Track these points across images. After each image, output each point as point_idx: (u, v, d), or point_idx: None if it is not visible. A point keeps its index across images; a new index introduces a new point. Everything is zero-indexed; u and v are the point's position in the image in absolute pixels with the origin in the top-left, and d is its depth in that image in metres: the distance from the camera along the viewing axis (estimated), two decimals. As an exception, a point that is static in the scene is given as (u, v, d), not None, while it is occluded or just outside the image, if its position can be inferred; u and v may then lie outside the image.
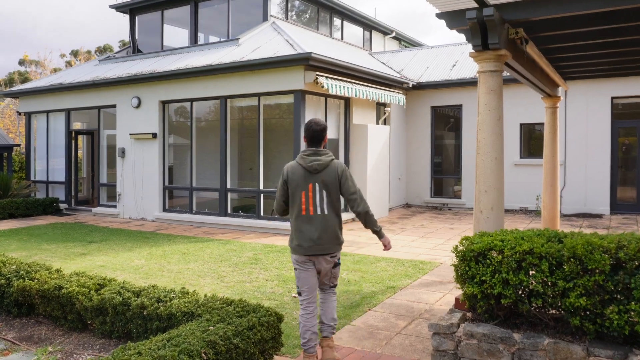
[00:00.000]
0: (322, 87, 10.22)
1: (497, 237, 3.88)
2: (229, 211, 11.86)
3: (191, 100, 12.29)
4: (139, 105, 13.00)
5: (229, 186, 11.85)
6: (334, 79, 10.76)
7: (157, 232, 11.14)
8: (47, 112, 15.29)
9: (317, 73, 10.20)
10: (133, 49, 15.37)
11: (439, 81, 14.65)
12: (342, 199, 4.28)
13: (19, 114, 16.08)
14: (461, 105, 14.64)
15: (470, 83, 14.20)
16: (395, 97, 13.36)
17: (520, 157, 13.92)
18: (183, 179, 13.04)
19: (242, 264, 7.82)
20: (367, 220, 4.28)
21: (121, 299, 4.24)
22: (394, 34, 20.08)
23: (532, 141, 14.32)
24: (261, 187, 11.31)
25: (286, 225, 10.65)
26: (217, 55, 11.81)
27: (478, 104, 4.94)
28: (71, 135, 14.97)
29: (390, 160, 14.35)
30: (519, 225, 11.55)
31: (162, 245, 9.46)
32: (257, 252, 8.72)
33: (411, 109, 15.38)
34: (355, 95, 11.36)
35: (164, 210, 12.88)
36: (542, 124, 13.69)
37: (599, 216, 12.68)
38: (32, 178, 15.97)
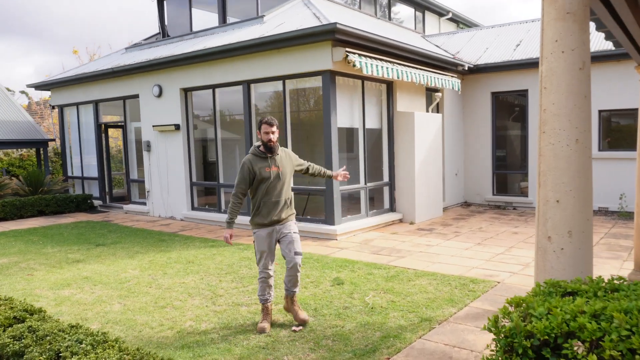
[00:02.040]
0: (354, 65, 8.70)
1: (583, 307, 1.95)
2: (257, 211, 10.57)
3: (213, 87, 11.11)
4: (160, 94, 11.98)
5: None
6: (370, 57, 9.20)
7: (179, 233, 10.04)
8: (77, 104, 14.65)
9: (347, 49, 8.68)
10: (162, 34, 14.44)
11: (500, 62, 12.71)
12: (254, 191, 4.82)
13: (52, 107, 15.58)
14: (526, 91, 12.64)
15: (537, 64, 12.17)
16: (448, 81, 11.60)
17: (599, 150, 11.77)
18: (210, 175, 11.91)
19: (250, 277, 6.48)
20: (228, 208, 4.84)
21: (18, 347, 2.98)
22: (450, 15, 18.14)
23: (613, 131, 12.10)
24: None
25: (327, 227, 9.24)
26: (238, 34, 10.55)
27: (541, 42, 3.03)
28: (101, 129, 14.25)
29: (445, 153, 12.59)
30: (598, 230, 9.54)
31: (172, 250, 8.30)
32: (277, 261, 7.35)
33: (468, 95, 13.52)
34: (398, 77, 9.75)
35: (192, 208, 11.81)
36: (627, 110, 11.51)
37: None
38: (68, 174, 15.44)
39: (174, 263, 7.35)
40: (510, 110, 13.82)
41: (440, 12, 17.75)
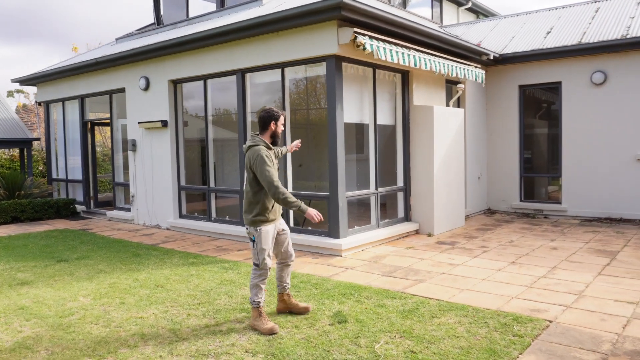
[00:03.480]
0: (364, 49, 7.28)
1: None
2: (251, 220, 9.18)
3: (204, 78, 9.74)
4: (147, 87, 10.65)
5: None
6: (382, 40, 7.77)
7: (159, 245, 8.67)
8: (63, 100, 13.38)
9: (356, 30, 7.27)
10: (157, 22, 13.13)
11: (530, 51, 11.21)
12: (259, 187, 4.54)
13: (39, 104, 14.34)
14: (559, 83, 11.12)
15: (573, 52, 10.68)
16: (471, 72, 10.14)
17: (647, 149, 10.22)
18: (201, 178, 10.54)
19: (228, 311, 5.08)
20: (283, 205, 4.44)
21: None
22: (469, 4, 16.67)
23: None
24: (290, 190, 8.54)
25: (330, 242, 7.83)
26: (234, 18, 9.17)
27: None
28: (86, 127, 12.97)
29: (466, 154, 11.11)
30: (654, 245, 8.01)
31: (143, 269, 6.93)
32: (267, 286, 5.95)
33: (492, 88, 12.03)
34: (415, 65, 8.31)
35: (180, 216, 10.45)
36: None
37: None
38: (53, 176, 14.18)
39: (138, 287, 5.97)
40: (540, 106, 12.31)
41: (459, 1, 16.28)
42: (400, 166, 9.50)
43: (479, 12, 17.73)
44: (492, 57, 11.06)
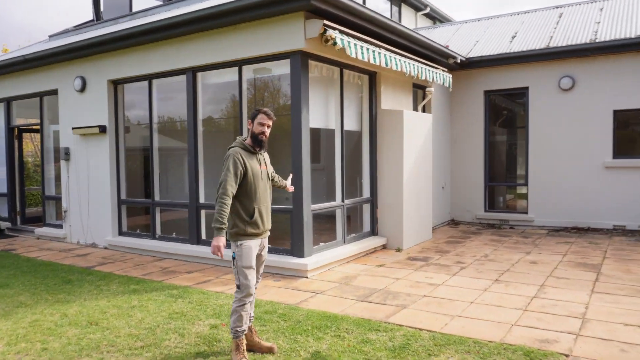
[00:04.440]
0: (334, 43, 6.49)
1: None
2: (203, 237, 8.18)
3: (149, 78, 8.67)
4: (83, 89, 9.45)
5: (202, 201, 8.17)
6: (352, 35, 7.02)
7: (95, 268, 7.51)
8: (-14, 103, 11.89)
9: (326, 22, 6.47)
10: (96, 18, 11.90)
11: (497, 55, 10.80)
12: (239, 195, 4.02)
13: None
14: (527, 89, 10.76)
15: (541, 57, 10.35)
16: (439, 75, 9.57)
17: (614, 157, 9.96)
18: (144, 191, 9.41)
19: (179, 357, 4.10)
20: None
21: None
22: (428, 10, 16.32)
23: (632, 135, 10.34)
24: (246, 202, 7.59)
25: (294, 261, 6.94)
26: (184, 10, 8.18)
27: None
28: (13, 133, 11.52)
29: (433, 162, 10.51)
30: (634, 257, 7.61)
31: (74, 300, 5.80)
32: (224, 318, 5.02)
33: (457, 94, 11.55)
34: (386, 65, 7.61)
35: (120, 233, 9.27)
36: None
37: None
38: (-25, 189, 12.55)
39: (67, 326, 4.88)
40: (506, 112, 11.95)
41: (417, 6, 15.89)
42: (367, 176, 8.77)
43: (436, 19, 17.43)
44: (459, 61, 10.56)
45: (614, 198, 9.90)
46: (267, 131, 4.12)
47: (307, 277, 6.74)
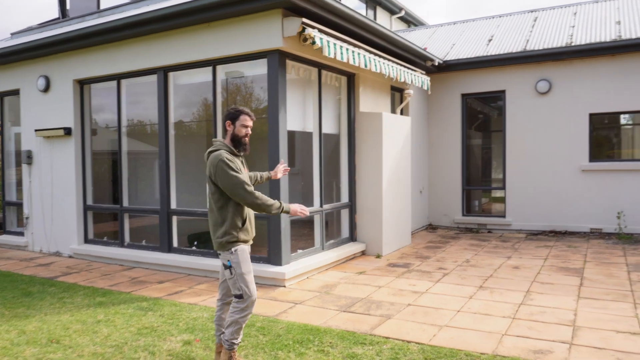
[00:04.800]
0: (313, 43, 6.23)
1: None
2: (175, 244, 7.80)
3: (118, 78, 8.26)
4: (47, 89, 8.96)
5: (173, 206, 7.80)
6: (331, 35, 6.77)
7: (58, 279, 7.05)
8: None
9: (304, 20, 6.21)
10: (62, 15, 11.38)
11: (474, 58, 10.73)
12: (230, 201, 3.74)
13: None
14: (504, 92, 10.71)
15: (518, 60, 10.30)
16: (417, 78, 9.42)
17: (591, 160, 9.97)
18: (112, 196, 8.96)
19: (150, 376, 3.77)
20: (264, 211, 3.69)
21: None
22: (402, 13, 16.24)
23: (608, 138, 10.39)
24: (221, 208, 7.25)
25: (272, 270, 6.62)
26: (155, 7, 7.81)
27: None
28: (-30, 137, 10.90)
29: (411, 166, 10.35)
30: (612, 260, 7.55)
31: (34, 314, 5.37)
32: (198, 333, 4.68)
33: (434, 97, 11.44)
34: (365, 66, 7.39)
35: (86, 241, 8.80)
36: (628, 113, 9.78)
37: None
38: None
39: (24, 345, 4.47)
40: (483, 115, 11.90)
41: (392, 10, 15.79)
42: (345, 180, 8.53)
43: (411, 22, 17.38)
44: (437, 64, 10.44)
45: (591, 201, 9.90)
46: (249, 132, 3.88)
47: (285, 287, 6.44)
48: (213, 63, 7.09)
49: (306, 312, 5.35)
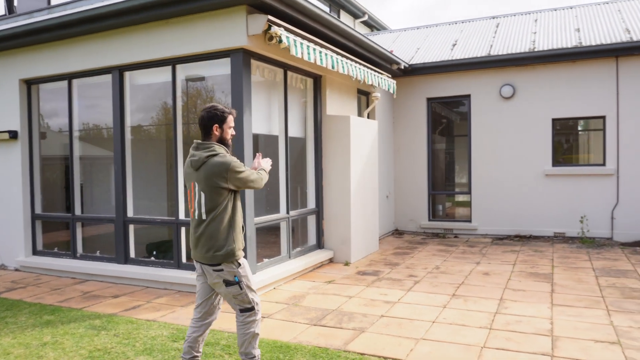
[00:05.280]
0: (279, 41, 5.94)
1: None
2: (132, 255, 7.33)
3: (69, 77, 7.73)
4: (-11, 89, 8.34)
5: (130, 214, 7.33)
6: (298, 34, 6.49)
7: (1, 295, 6.47)
8: None
9: (270, 18, 5.91)
10: (8, 11, 10.70)
11: (440, 62, 10.67)
12: (231, 206, 3.46)
13: None
14: (469, 96, 10.69)
15: (483, 64, 10.30)
16: (384, 81, 9.26)
17: (554, 165, 10.04)
18: (63, 204, 8.38)
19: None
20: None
21: None
22: (366, 17, 16.16)
23: (570, 143, 10.50)
24: (182, 217, 6.86)
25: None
26: (112, 1, 7.33)
27: None
28: None
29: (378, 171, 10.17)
30: (578, 265, 7.55)
31: (-26, 336, 4.85)
32: (157, 355, 4.29)
33: (400, 101, 11.33)
34: (333, 67, 7.14)
35: (35, 252, 8.19)
36: (589, 118, 9.90)
37: (674, 245, 8.89)
38: None
39: (-42, 373, 3.98)
40: (449, 120, 11.86)
41: (356, 14, 15.67)
42: (312, 185, 8.25)
43: (374, 27, 17.32)
44: (402, 67, 10.32)
45: (554, 206, 9.96)
46: (234, 133, 3.71)
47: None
48: (172, 62, 6.69)
49: (274, 326, 5.03)
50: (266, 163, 3.81)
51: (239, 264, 3.47)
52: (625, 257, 8.09)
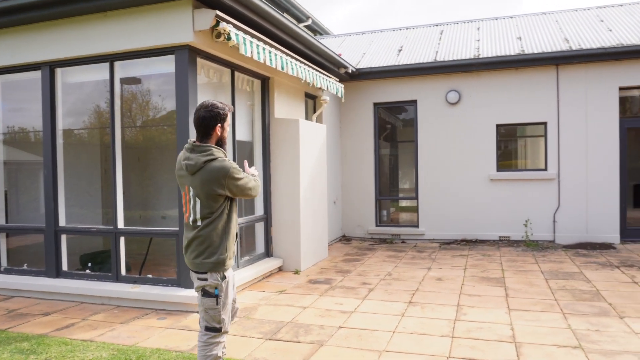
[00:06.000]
0: (228, 39, 5.59)
1: None
2: (64, 267, 6.70)
3: (-9, 74, 7.03)
4: None
5: (62, 224, 6.70)
6: (247, 32, 6.17)
7: None
8: None
9: (219, 14, 5.55)
10: None
11: (387, 67, 10.63)
12: (227, 212, 3.20)
13: None
14: (415, 102, 10.71)
15: (430, 70, 10.35)
16: (333, 85, 9.09)
17: (498, 170, 10.21)
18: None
19: None
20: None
21: None
22: (309, 21, 15.97)
23: (514, 148, 10.73)
24: (120, 226, 6.33)
25: (183, 294, 5.81)
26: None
27: None
28: None
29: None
30: (526, 268, 7.64)
31: None
32: None
33: (347, 106, 11.20)
34: (282, 68, 6.87)
35: (-50, 267, 7.35)
36: (531, 124, 10.15)
37: (610, 246, 9.22)
38: None
39: None
40: (395, 125, 11.84)
41: (299, 17, 15.46)
42: (260, 191, 7.90)
43: (317, 31, 17.19)
44: (350, 71, 10.19)
45: (499, 210, 10.12)
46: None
47: (198, 312, 5.67)
48: (110, 59, 6.18)
49: (227, 342, 4.66)
50: (255, 171, 3.51)
51: (225, 277, 3.19)
52: (569, 259, 8.29)
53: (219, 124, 3.19)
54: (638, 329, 4.80)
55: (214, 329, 3.20)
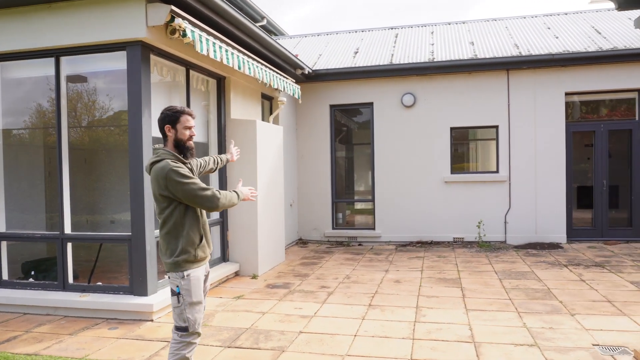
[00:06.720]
0: (184, 35, 5.40)
1: None
2: (4, 277, 6.28)
3: None
4: None
5: (1, 229, 6.29)
6: (204, 30, 5.98)
7: None
8: None
9: (174, 9, 5.35)
10: None
11: (343, 68, 10.62)
12: (179, 214, 3.19)
13: None
14: (371, 104, 10.75)
15: (386, 72, 10.41)
16: (290, 86, 8.98)
17: (452, 172, 10.39)
18: None
19: None
20: (230, 207, 3.35)
21: None
22: (264, 22, 15.76)
23: (467, 151, 10.93)
24: (67, 231, 5.99)
25: (135, 302, 5.53)
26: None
27: None
28: None
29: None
30: (480, 269, 7.78)
31: None
32: None
33: (303, 107, 11.12)
34: (239, 67, 6.70)
35: None
36: (484, 127, 10.38)
37: (558, 246, 9.54)
38: None
39: None
40: (351, 128, 11.85)
41: (254, 17, 15.24)
42: (216, 194, 7.69)
43: (272, 32, 17.03)
44: (307, 72, 10.12)
45: (453, 212, 10.28)
46: (194, 134, 3.36)
47: (153, 320, 5.44)
48: (56, 53, 5.84)
49: (183, 352, 4.46)
50: (246, 190, 3.48)
51: (183, 276, 3.19)
52: (520, 259, 8.50)
53: (168, 125, 3.24)
54: (588, 326, 4.94)
55: (181, 328, 3.22)
